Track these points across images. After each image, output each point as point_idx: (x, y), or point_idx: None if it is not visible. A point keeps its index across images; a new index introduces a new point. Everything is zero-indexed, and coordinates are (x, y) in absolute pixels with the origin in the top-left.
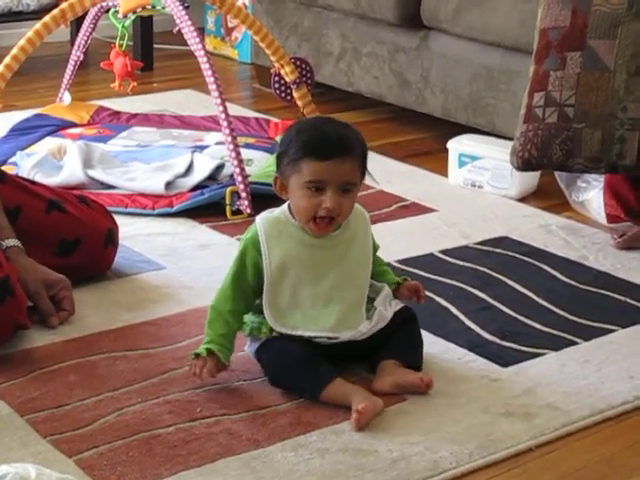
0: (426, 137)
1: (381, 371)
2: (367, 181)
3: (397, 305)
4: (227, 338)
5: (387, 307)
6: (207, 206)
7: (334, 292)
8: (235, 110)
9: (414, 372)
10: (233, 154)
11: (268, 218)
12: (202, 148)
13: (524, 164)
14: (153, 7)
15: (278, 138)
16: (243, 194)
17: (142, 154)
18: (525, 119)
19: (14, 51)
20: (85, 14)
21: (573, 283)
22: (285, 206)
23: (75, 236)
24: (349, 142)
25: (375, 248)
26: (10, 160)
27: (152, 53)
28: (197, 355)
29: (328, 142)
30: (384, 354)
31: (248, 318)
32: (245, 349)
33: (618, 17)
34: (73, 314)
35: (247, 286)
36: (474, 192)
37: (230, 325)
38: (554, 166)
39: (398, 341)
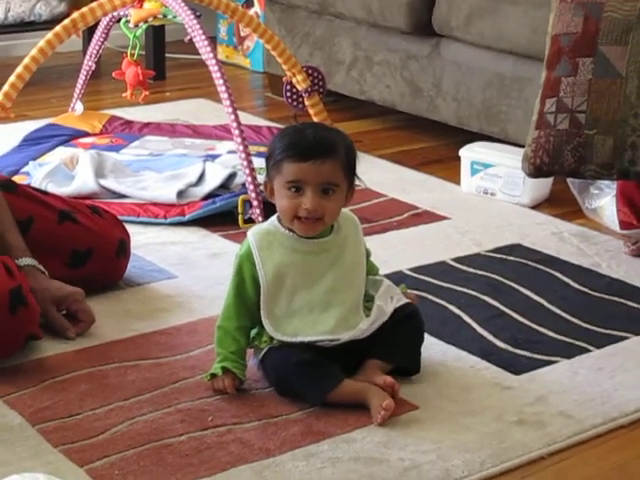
0: (438, 145)
1: (360, 370)
2: (375, 187)
3: (399, 301)
4: (238, 354)
5: (387, 302)
6: (219, 215)
7: (330, 296)
8: (247, 119)
9: (382, 375)
10: (245, 163)
11: (258, 231)
12: (214, 157)
13: (536, 170)
14: (164, 16)
15: None
16: (255, 203)
17: (154, 163)
18: (537, 125)
19: (26, 61)
20: (97, 24)
21: (586, 290)
22: (274, 217)
23: (87, 247)
24: (329, 144)
25: (367, 253)
26: (22, 170)
27: (164, 62)
28: (213, 375)
29: (307, 144)
30: (372, 351)
31: None
32: (249, 362)
33: (630, 23)
34: (93, 322)
35: (249, 300)
36: (486, 200)
37: (239, 342)
38: (566, 172)
39: (392, 340)
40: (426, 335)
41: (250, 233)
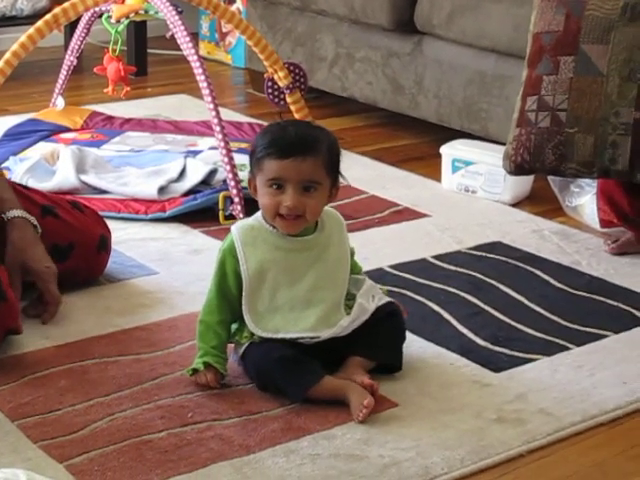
0: (419, 142)
1: (342, 367)
2: (356, 184)
3: (381, 299)
4: (219, 349)
5: (369, 300)
6: (200, 211)
7: (312, 294)
8: (228, 115)
9: (361, 375)
10: (226, 159)
11: (243, 226)
12: (195, 153)
13: (517, 168)
14: (146, 12)
15: None
16: (236, 199)
17: (135, 159)
18: (518, 123)
19: (7, 56)
20: (78, 19)
21: (566, 288)
22: (258, 213)
23: (68, 242)
24: (311, 142)
25: (351, 252)
26: (3, 165)
27: (146, 58)
28: (195, 370)
29: (288, 141)
30: (354, 349)
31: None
32: (230, 358)
33: (611, 22)
34: (59, 304)
35: (231, 295)
36: (467, 197)
37: (220, 336)
38: (547, 170)
39: (374, 337)
40: (406, 332)
41: (234, 227)
